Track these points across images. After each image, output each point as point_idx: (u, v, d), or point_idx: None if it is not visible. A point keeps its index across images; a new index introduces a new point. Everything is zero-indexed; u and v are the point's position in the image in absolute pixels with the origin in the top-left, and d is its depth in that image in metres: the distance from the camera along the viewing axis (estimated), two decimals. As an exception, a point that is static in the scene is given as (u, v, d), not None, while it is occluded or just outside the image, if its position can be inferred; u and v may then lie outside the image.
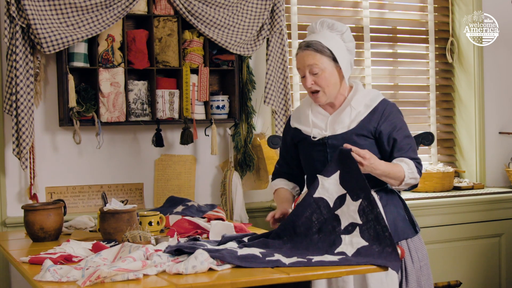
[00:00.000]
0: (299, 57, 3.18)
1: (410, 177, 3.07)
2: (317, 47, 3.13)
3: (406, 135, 3.17)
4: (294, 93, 5.02)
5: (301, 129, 3.29)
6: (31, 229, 3.51)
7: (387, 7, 5.44)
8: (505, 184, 5.56)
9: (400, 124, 3.18)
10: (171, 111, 4.46)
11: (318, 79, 3.13)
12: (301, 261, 2.69)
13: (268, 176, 4.72)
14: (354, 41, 3.27)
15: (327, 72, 3.14)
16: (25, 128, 4.07)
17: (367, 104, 3.18)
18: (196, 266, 2.58)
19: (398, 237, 3.14)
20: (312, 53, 3.12)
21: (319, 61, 3.12)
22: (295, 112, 3.41)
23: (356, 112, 3.16)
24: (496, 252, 5.07)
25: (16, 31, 4.05)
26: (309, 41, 3.16)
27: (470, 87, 5.50)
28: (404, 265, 3.17)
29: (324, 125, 3.21)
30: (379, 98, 3.21)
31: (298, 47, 3.20)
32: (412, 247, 3.21)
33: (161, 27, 4.41)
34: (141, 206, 4.52)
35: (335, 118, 3.20)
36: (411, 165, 3.08)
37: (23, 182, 4.32)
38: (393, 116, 3.18)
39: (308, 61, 3.13)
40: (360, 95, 3.21)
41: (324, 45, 3.13)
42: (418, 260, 3.21)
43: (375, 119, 3.15)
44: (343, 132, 3.15)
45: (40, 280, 2.55)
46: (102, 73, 4.26)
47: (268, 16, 4.64)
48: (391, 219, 3.12)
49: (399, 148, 3.12)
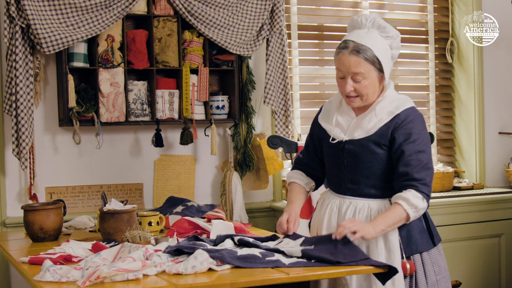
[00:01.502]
0: (343, 59, 2.94)
1: (416, 215, 2.90)
2: (367, 55, 2.92)
3: (418, 149, 2.92)
4: (294, 93, 5.02)
5: (325, 128, 3.13)
6: (31, 229, 3.51)
7: (387, 7, 5.44)
8: (505, 184, 5.56)
9: (416, 136, 2.94)
10: (171, 111, 4.46)
11: (360, 86, 2.94)
12: (301, 261, 2.69)
13: (267, 176, 4.73)
14: (400, 48, 3.08)
15: (370, 81, 2.95)
16: (24, 128, 4.07)
17: (391, 111, 2.98)
18: (196, 266, 2.58)
19: (411, 250, 3.00)
20: (362, 62, 2.92)
21: (365, 71, 2.92)
22: (326, 105, 3.22)
23: (377, 119, 2.99)
24: (496, 252, 5.07)
25: (15, 31, 4.04)
26: (359, 44, 2.93)
27: (470, 87, 5.50)
28: (415, 279, 3.02)
29: (346, 127, 3.05)
30: (405, 105, 3.00)
31: (343, 46, 2.96)
32: (428, 260, 3.05)
33: (161, 27, 4.41)
34: (141, 206, 4.52)
35: (358, 121, 3.03)
36: (411, 200, 2.86)
37: (23, 182, 4.31)
38: (412, 126, 2.95)
39: (354, 68, 2.92)
40: (387, 102, 3.01)
41: (374, 55, 2.92)
42: (434, 274, 3.05)
43: (393, 125, 2.95)
44: (361, 138, 3.00)
45: (40, 280, 2.55)
46: (102, 73, 4.26)
47: (268, 16, 4.64)
48: (405, 230, 2.98)
49: (406, 162, 2.90)
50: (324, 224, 3.11)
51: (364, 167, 3.00)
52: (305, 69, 5.12)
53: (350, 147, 3.02)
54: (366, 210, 3.02)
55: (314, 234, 3.20)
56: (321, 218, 3.14)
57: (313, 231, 3.23)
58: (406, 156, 2.91)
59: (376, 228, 2.84)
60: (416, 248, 3.02)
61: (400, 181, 2.92)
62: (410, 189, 2.88)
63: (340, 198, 3.09)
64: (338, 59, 2.97)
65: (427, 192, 2.90)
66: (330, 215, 3.10)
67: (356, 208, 3.03)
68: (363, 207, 3.02)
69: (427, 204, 2.92)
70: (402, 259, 2.96)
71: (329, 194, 3.18)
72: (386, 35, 3.00)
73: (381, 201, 3.01)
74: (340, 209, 3.07)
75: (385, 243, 2.96)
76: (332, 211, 3.10)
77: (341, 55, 2.96)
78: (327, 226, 3.10)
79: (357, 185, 3.03)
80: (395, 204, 2.89)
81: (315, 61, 5.16)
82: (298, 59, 5.07)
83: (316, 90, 5.17)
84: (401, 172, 2.91)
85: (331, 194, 3.16)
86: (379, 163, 2.98)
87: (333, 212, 3.09)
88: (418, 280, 3.03)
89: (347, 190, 3.06)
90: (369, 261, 2.72)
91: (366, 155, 2.98)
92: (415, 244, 3.01)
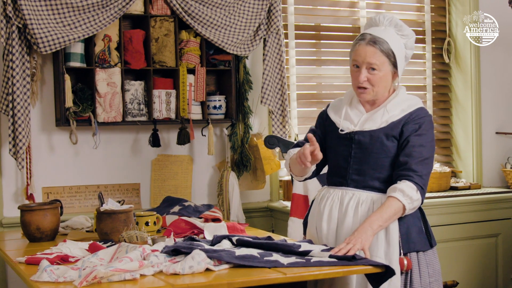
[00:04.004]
0: (361, 49, 3.02)
1: (411, 207, 2.93)
2: (383, 47, 3.01)
3: (422, 144, 3.00)
4: (291, 93, 5.02)
5: (334, 120, 3.18)
6: (28, 229, 3.51)
7: (384, 7, 5.44)
8: (502, 184, 5.56)
9: (424, 131, 3.02)
10: (167, 111, 4.46)
11: (373, 77, 3.01)
12: (299, 262, 2.69)
13: (265, 176, 4.73)
14: (413, 50, 3.17)
15: (384, 74, 3.02)
16: (21, 128, 4.06)
17: (403, 109, 3.06)
18: (193, 266, 2.58)
19: (408, 247, 3.03)
20: (378, 52, 3.00)
21: (380, 62, 3.00)
22: (336, 102, 3.28)
23: (389, 115, 3.05)
24: (493, 252, 5.07)
25: (12, 31, 4.04)
26: (376, 36, 3.03)
27: (466, 87, 5.50)
28: (410, 278, 3.05)
29: (356, 121, 3.10)
30: (417, 105, 3.09)
31: (361, 38, 3.05)
32: (423, 261, 3.08)
33: (157, 27, 4.41)
34: (138, 206, 4.52)
35: (369, 116, 3.09)
36: (406, 191, 2.92)
37: (20, 182, 4.31)
38: (422, 122, 3.03)
39: (370, 58, 2.99)
40: (399, 100, 3.09)
41: (390, 48, 3.02)
42: (428, 275, 3.09)
43: (404, 120, 3.03)
44: (372, 129, 3.05)
45: (37, 280, 2.55)
46: (99, 73, 4.25)
47: (265, 16, 4.63)
48: (405, 227, 3.02)
49: (407, 153, 2.98)
50: (324, 216, 3.12)
51: (371, 159, 3.04)
52: (302, 69, 5.11)
53: (360, 138, 3.07)
54: (368, 202, 3.04)
55: (312, 230, 3.20)
56: (320, 211, 3.15)
57: (311, 227, 3.22)
58: (409, 147, 2.99)
59: (373, 226, 2.90)
60: (414, 246, 3.05)
61: (398, 170, 2.99)
62: (405, 180, 2.94)
63: (342, 190, 3.11)
64: (355, 50, 3.06)
65: (421, 185, 2.95)
66: (331, 206, 3.11)
67: (359, 200, 3.05)
68: (366, 199, 3.05)
69: (421, 197, 2.97)
70: (400, 255, 2.99)
71: (327, 189, 3.20)
72: (402, 34, 3.10)
73: (383, 196, 3.03)
74: (342, 200, 3.09)
75: (385, 236, 2.99)
76: (333, 202, 3.11)
77: (357, 46, 3.05)
78: (328, 218, 3.11)
79: (362, 176, 3.06)
80: (390, 198, 2.94)
81: (312, 61, 5.16)
82: (295, 59, 5.07)
83: (313, 90, 5.17)
84: (401, 161, 2.99)
85: (331, 188, 3.18)
86: (387, 156, 3.03)
87: (334, 203, 3.11)
88: (413, 279, 3.05)
89: (351, 182, 3.09)
90: (367, 261, 2.73)
91: (375, 146, 3.03)
92: (413, 243, 3.04)
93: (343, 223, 3.06)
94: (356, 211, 3.04)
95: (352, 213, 3.05)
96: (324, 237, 3.11)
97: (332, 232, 3.09)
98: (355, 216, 3.04)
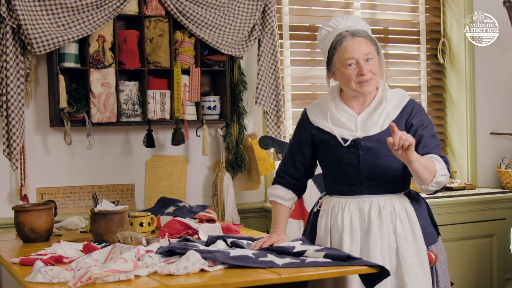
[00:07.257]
0: (351, 44, 2.98)
1: (441, 174, 2.91)
2: (369, 36, 3.02)
3: (432, 134, 3.06)
4: (285, 94, 5.02)
5: (327, 129, 3.08)
6: (22, 230, 3.50)
7: (379, 8, 5.44)
8: (497, 184, 5.57)
9: (427, 122, 3.07)
10: (162, 111, 4.45)
11: (372, 67, 2.99)
12: (294, 262, 2.69)
13: (259, 177, 4.72)
14: None
15: (375, 61, 3.02)
16: (15, 129, 4.05)
17: (395, 104, 3.06)
18: (188, 267, 2.57)
19: (428, 242, 3.04)
20: (367, 42, 3.00)
21: (372, 50, 3.00)
22: (313, 108, 3.19)
23: (386, 112, 3.03)
24: (488, 252, 5.08)
25: (6, 31, 4.03)
26: (359, 30, 3.02)
27: (461, 88, 5.51)
28: (435, 270, 3.07)
29: (353, 126, 3.04)
30: (406, 97, 3.10)
31: (343, 36, 3.00)
32: (439, 250, 3.11)
33: (152, 28, 4.41)
34: (132, 207, 4.51)
35: (366, 118, 3.05)
36: (440, 162, 2.94)
37: (14, 183, 4.30)
38: (421, 114, 3.07)
39: (364, 49, 2.97)
40: (390, 94, 3.09)
41: (371, 35, 3.04)
42: (443, 263, 3.12)
43: (405, 115, 3.04)
44: (377, 133, 3.01)
45: (31, 281, 2.54)
46: (93, 74, 4.25)
47: (259, 16, 4.63)
48: (422, 223, 3.03)
49: (425, 144, 2.99)
50: (346, 228, 3.03)
51: (382, 162, 3.00)
52: (297, 69, 5.12)
53: (367, 144, 3.01)
54: (389, 206, 3.02)
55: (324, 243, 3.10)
56: (338, 223, 3.05)
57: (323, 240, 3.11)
58: (425, 139, 3.01)
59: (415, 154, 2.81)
60: (431, 240, 3.08)
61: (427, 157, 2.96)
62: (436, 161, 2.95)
63: (357, 199, 3.05)
64: (343, 47, 3.00)
65: (449, 168, 3.00)
66: (350, 217, 3.03)
67: (379, 205, 3.01)
68: (385, 203, 3.02)
69: (448, 177, 2.99)
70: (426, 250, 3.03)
71: (337, 199, 3.10)
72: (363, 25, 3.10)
73: (401, 196, 3.05)
74: (362, 209, 3.02)
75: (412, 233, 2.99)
76: (352, 212, 3.03)
77: (345, 43, 3.00)
78: (350, 230, 3.03)
79: (375, 181, 3.02)
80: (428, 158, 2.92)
81: (306, 61, 5.16)
82: (290, 59, 5.07)
83: (307, 91, 5.17)
84: (422, 153, 2.94)
85: (341, 198, 3.09)
86: None
87: (353, 214, 3.03)
88: (437, 270, 3.08)
89: (364, 189, 3.03)
90: (362, 261, 2.72)
91: (384, 150, 2.96)
92: (429, 236, 3.07)
93: (369, 233, 2.99)
94: (380, 217, 2.99)
95: (377, 220, 2.99)
96: (347, 249, 2.99)
97: (356, 243, 3.01)
98: (380, 222, 2.99)
